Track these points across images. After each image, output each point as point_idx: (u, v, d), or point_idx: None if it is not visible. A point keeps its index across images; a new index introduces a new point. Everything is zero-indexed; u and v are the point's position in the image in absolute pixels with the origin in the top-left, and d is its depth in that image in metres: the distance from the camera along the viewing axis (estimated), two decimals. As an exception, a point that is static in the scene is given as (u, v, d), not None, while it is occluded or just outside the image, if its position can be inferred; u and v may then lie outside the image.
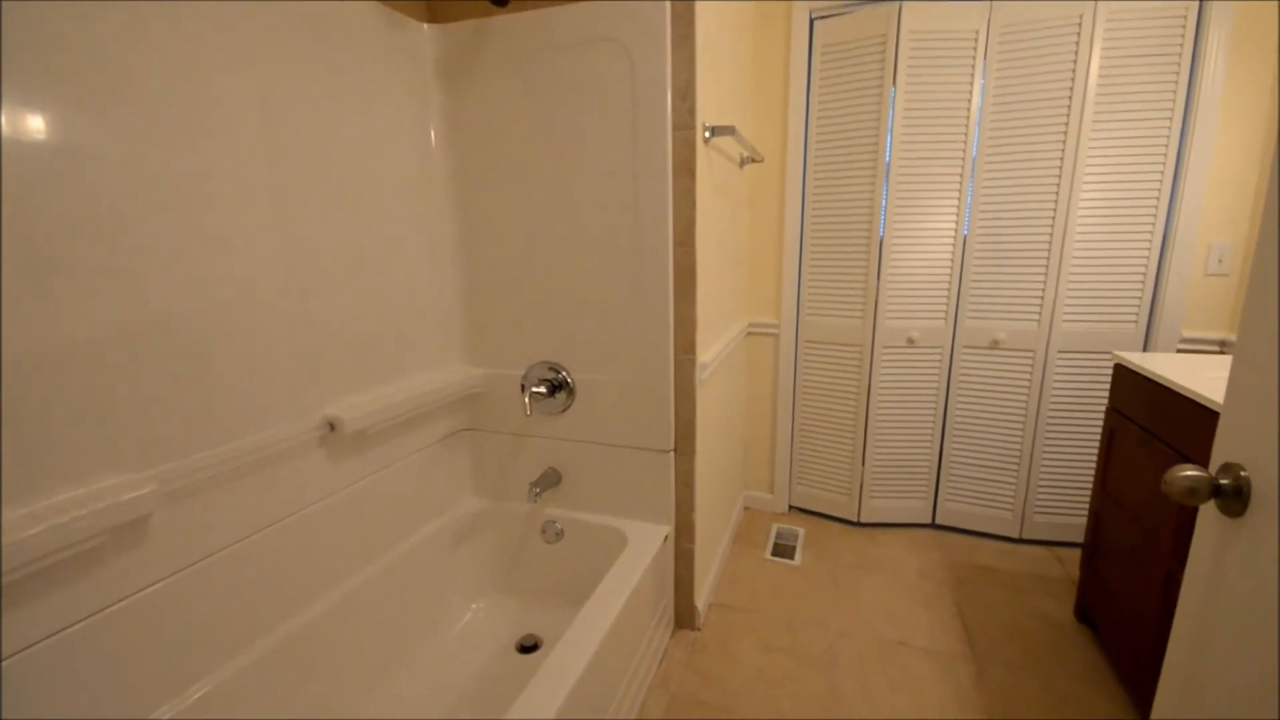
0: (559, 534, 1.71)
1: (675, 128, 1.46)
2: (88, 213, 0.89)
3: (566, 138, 1.52)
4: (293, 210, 1.22)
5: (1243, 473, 0.67)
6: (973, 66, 2.00)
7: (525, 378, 1.69)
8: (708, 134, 1.53)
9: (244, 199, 1.12)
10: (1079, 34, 1.87)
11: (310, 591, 1.31)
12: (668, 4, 1.38)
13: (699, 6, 1.41)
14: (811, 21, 2.14)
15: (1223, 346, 1.94)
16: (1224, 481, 0.68)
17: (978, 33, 1.98)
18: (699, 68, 1.44)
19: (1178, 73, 1.84)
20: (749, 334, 2.44)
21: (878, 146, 2.10)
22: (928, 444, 2.31)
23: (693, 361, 1.57)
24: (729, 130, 1.54)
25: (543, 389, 1.62)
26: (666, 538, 1.64)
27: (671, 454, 1.63)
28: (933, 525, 2.40)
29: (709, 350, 1.70)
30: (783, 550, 2.25)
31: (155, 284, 0.98)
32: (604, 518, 1.69)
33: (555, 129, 1.53)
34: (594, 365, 1.63)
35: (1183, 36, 1.82)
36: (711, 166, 1.64)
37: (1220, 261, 1.91)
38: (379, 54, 1.42)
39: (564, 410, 1.68)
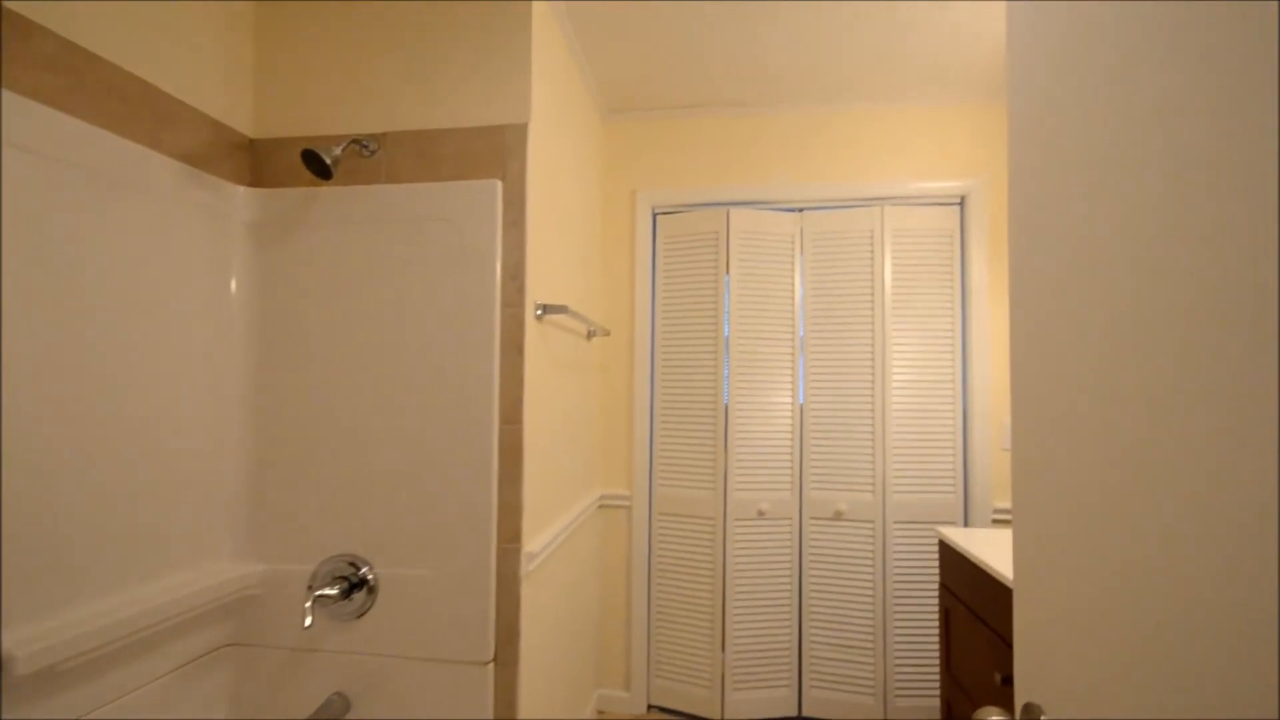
0: (340, 787, 1.33)
1: (504, 305, 1.43)
2: None
3: (389, 307, 1.44)
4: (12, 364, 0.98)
5: (1043, 718, 0.61)
6: (792, 262, 2.26)
7: (314, 576, 1.40)
8: (539, 312, 1.52)
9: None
10: (872, 244, 2.20)
11: None
12: (499, 193, 1.42)
13: (531, 195, 1.46)
14: (654, 215, 2.36)
15: (1028, 516, 2.11)
16: (1022, 727, 0.62)
17: (793, 236, 2.27)
18: (530, 250, 1.46)
19: (952, 277, 2.19)
20: (602, 506, 2.31)
21: (717, 324, 2.23)
22: (786, 623, 2.20)
23: (517, 551, 1.40)
24: (561, 309, 1.54)
25: (334, 590, 1.35)
26: (479, 781, 1.32)
27: (490, 665, 1.37)
28: (799, 718, 2.21)
29: (540, 536, 1.54)
30: (637, 768, 1.93)
31: None
32: (402, 758, 1.35)
33: (378, 298, 1.44)
34: (402, 558, 1.40)
35: (951, 249, 2.20)
36: (547, 341, 1.61)
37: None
38: (177, 210, 1.30)
39: (361, 614, 1.39)
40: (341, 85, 1.51)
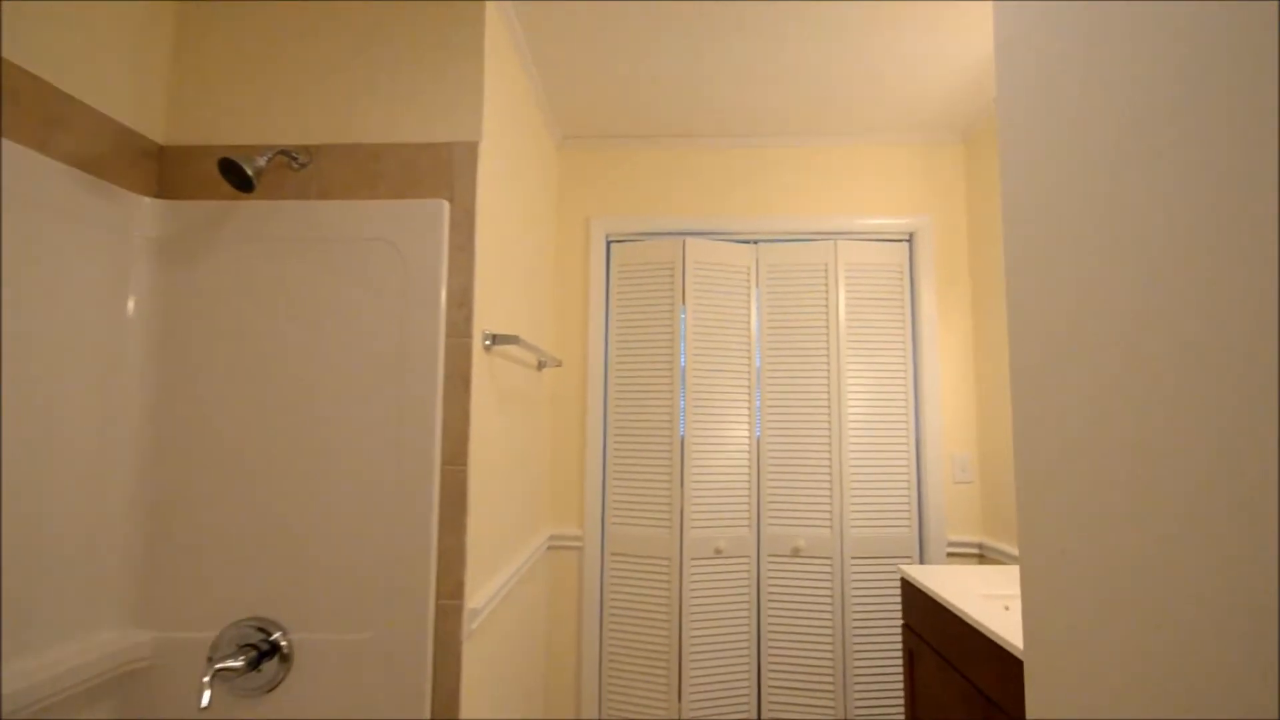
0: None
1: (450, 335, 1.31)
2: None
3: (316, 335, 1.30)
4: None
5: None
6: (748, 294, 2.24)
7: (215, 645, 1.21)
8: (488, 342, 1.41)
9: None
10: (826, 278, 2.21)
11: None
12: (446, 214, 1.32)
13: (481, 217, 1.37)
14: (608, 243, 2.30)
15: (980, 548, 2.11)
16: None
17: (749, 268, 2.25)
18: (480, 276, 1.36)
19: (903, 312, 2.22)
20: (550, 547, 2.17)
21: (673, 356, 2.17)
22: (745, 669, 2.11)
23: (459, 609, 1.25)
24: (513, 339, 1.43)
25: (239, 661, 1.16)
26: None
27: (425, 742, 1.21)
28: (759, 770, 2.10)
29: (484, 589, 1.40)
30: (588, 840, 1.76)
31: None
32: None
33: (303, 324, 1.30)
34: (323, 620, 1.23)
35: (901, 284, 2.23)
36: (495, 374, 1.50)
37: (963, 471, 2.16)
38: (63, 221, 1.13)
39: (271, 688, 1.20)
40: (271, 91, 1.38)
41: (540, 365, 1.99)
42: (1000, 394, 2.02)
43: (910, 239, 2.27)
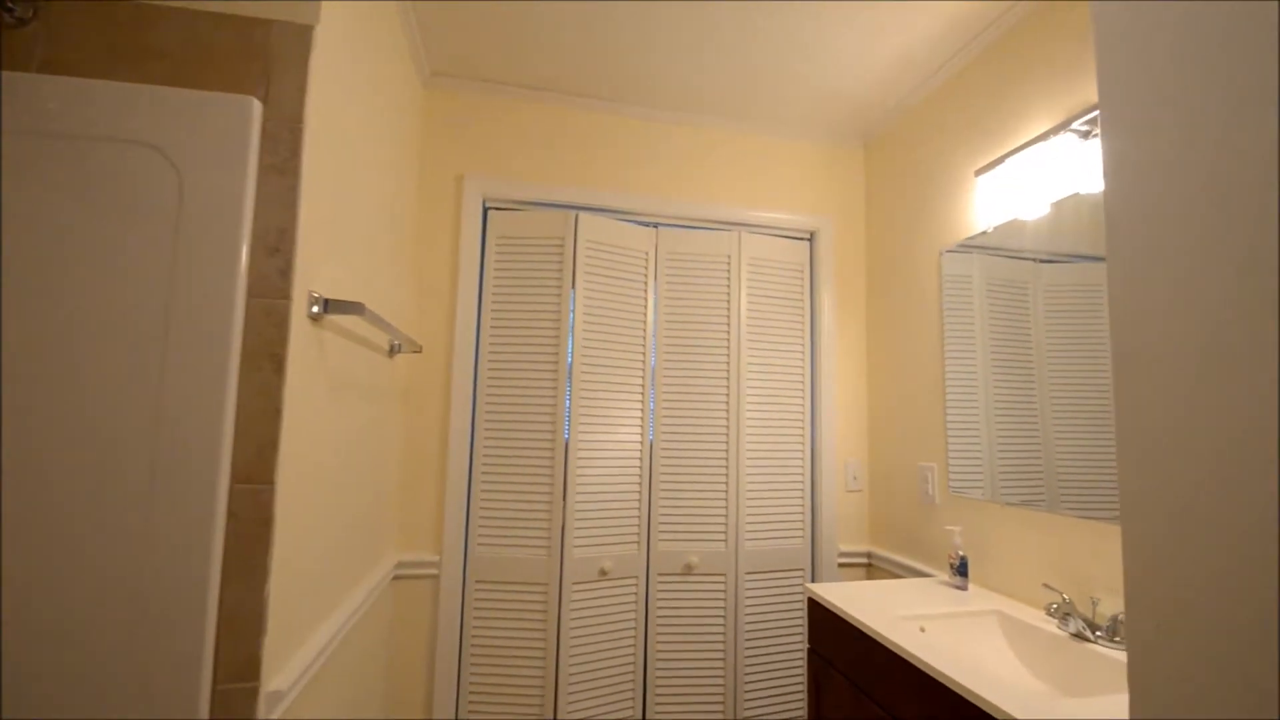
0: None
1: (255, 294, 0.91)
2: None
3: (27, 281, 0.82)
4: None
5: None
6: (646, 283, 2.00)
7: None
8: (317, 309, 1.01)
9: None
10: (729, 271, 2.04)
11: None
12: (257, 117, 0.91)
13: (312, 131, 0.97)
14: (485, 208, 1.93)
15: (869, 557, 2.06)
16: None
17: (648, 253, 2.01)
18: (306, 213, 0.96)
19: (803, 314, 2.12)
20: (397, 577, 1.75)
21: (559, 347, 1.86)
22: (629, 704, 1.85)
23: (253, 694, 0.85)
24: (356, 308, 1.05)
25: None
26: None
27: None
28: (640, 820, 1.86)
29: (299, 656, 1.00)
30: None
31: None
32: None
33: (7, 263, 0.82)
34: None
35: (802, 285, 2.13)
36: (326, 355, 1.10)
37: (855, 478, 2.10)
38: None
39: None
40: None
41: (393, 350, 1.59)
42: (891, 400, 1.98)
43: (812, 238, 2.18)
